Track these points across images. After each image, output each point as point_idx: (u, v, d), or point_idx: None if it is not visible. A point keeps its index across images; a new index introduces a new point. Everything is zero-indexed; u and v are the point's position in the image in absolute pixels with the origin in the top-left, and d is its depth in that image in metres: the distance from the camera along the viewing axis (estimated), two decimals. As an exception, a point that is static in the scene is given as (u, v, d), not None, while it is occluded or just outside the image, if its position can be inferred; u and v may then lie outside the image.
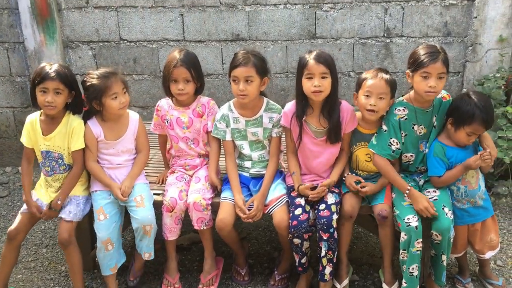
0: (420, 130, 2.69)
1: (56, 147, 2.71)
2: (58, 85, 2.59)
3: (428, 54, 2.51)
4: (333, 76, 2.61)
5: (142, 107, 4.41)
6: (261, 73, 2.68)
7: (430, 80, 2.51)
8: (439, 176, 2.65)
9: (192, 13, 4.13)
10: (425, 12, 3.99)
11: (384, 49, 4.12)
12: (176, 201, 2.71)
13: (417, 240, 2.51)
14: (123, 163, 2.81)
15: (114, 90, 2.63)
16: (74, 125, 2.70)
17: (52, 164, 2.73)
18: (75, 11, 4.19)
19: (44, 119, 2.71)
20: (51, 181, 2.76)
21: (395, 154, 2.69)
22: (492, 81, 3.83)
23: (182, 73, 2.73)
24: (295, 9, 4.06)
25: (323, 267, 2.63)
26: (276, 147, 2.84)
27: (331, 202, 2.63)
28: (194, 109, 2.89)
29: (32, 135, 2.71)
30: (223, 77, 4.25)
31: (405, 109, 2.67)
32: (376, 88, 2.58)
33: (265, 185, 2.76)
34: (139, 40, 4.24)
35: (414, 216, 2.54)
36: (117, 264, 2.75)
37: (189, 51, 2.85)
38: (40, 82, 2.58)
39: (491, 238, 2.72)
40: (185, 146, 2.95)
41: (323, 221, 2.56)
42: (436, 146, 2.67)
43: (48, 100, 2.58)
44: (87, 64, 4.31)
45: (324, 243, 2.58)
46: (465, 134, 2.57)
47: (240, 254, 2.94)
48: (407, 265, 2.57)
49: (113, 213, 2.70)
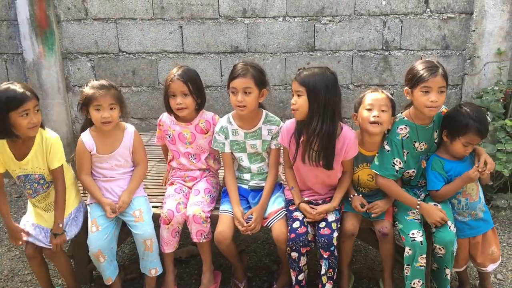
0: (421, 147, 2.67)
1: (35, 168, 2.60)
2: (36, 102, 2.47)
3: (427, 69, 2.50)
4: (311, 95, 2.49)
5: (141, 119, 4.40)
6: (260, 85, 2.68)
7: (431, 95, 2.48)
8: (436, 190, 2.64)
9: (191, 25, 4.15)
10: (424, 25, 4.01)
11: (383, 62, 4.13)
12: (173, 213, 2.70)
13: (421, 255, 2.50)
14: (118, 176, 2.79)
15: (98, 101, 2.60)
16: (51, 141, 2.58)
17: (33, 186, 2.65)
18: (74, 23, 4.20)
19: (13, 144, 2.53)
20: (35, 202, 2.70)
21: (399, 174, 2.66)
22: (491, 94, 3.83)
23: (179, 87, 2.72)
24: (294, 22, 4.08)
25: (322, 285, 2.61)
26: (275, 159, 2.82)
27: (332, 219, 2.61)
28: (196, 125, 2.88)
29: (4, 161, 2.56)
30: (221, 89, 4.25)
31: (406, 127, 2.63)
32: (378, 100, 2.55)
33: (264, 198, 2.74)
34: (138, 52, 4.24)
35: (418, 231, 2.52)
36: (111, 277, 2.71)
37: (190, 68, 2.85)
38: (19, 105, 2.38)
39: (492, 250, 2.71)
40: (187, 162, 2.93)
41: (324, 239, 2.54)
42: (434, 160, 2.66)
43: (33, 121, 2.44)
44: (86, 76, 4.30)
45: (324, 261, 2.56)
46: (461, 145, 2.56)
47: (238, 267, 2.91)
48: (409, 281, 2.55)
49: (106, 225, 2.66)
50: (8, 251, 3.42)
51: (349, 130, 2.64)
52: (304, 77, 2.53)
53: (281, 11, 4.06)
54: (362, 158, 2.72)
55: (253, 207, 2.74)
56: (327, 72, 2.56)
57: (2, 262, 3.30)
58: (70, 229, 2.69)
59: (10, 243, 2.63)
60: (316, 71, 2.56)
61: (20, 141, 2.53)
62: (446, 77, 2.52)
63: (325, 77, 2.53)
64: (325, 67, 2.62)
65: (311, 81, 2.51)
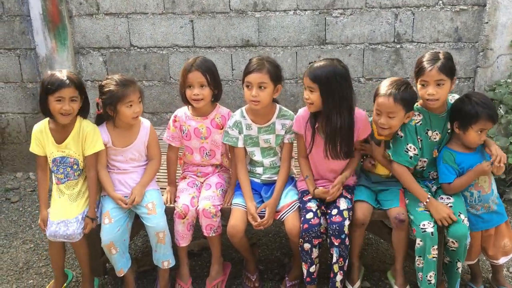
0: (434, 136, 2.67)
1: (72, 152, 2.71)
2: (73, 92, 2.60)
3: (426, 62, 2.53)
4: (324, 91, 2.51)
5: (152, 113, 4.42)
6: (275, 80, 2.67)
7: (428, 88, 2.53)
8: (449, 183, 2.64)
9: (202, 19, 4.15)
10: (436, 17, 3.98)
11: (395, 55, 4.10)
12: (188, 207, 2.71)
13: (432, 246, 2.49)
14: (132, 169, 2.82)
15: (130, 98, 2.64)
16: (88, 130, 2.70)
17: (66, 170, 2.72)
18: (86, 17, 4.22)
19: (55, 127, 2.69)
20: (64, 189, 2.74)
21: (413, 161, 2.66)
22: (504, 86, 3.80)
23: (197, 77, 2.71)
24: (305, 15, 4.07)
25: (334, 274, 2.61)
26: (288, 153, 2.83)
27: (343, 207, 2.61)
28: (212, 119, 2.87)
29: (45, 143, 2.70)
30: (232, 83, 4.25)
31: (419, 114, 2.66)
32: (384, 107, 2.55)
33: (277, 192, 2.75)
34: (150, 47, 4.26)
35: (429, 222, 2.52)
36: (123, 269, 2.75)
37: (207, 58, 2.84)
38: (55, 91, 2.55)
39: (504, 243, 2.69)
40: (199, 158, 2.94)
41: (335, 226, 2.55)
42: (445, 153, 2.66)
43: (65, 108, 2.57)
44: (98, 71, 4.33)
45: (335, 249, 2.57)
46: (475, 133, 2.56)
47: (250, 260, 2.93)
48: (424, 273, 2.55)
49: (118, 217, 2.69)
50: (23, 243, 3.47)
51: (360, 112, 2.67)
52: (316, 73, 2.53)
53: (291, 4, 4.04)
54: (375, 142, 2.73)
55: (266, 201, 2.75)
56: (338, 65, 2.56)
57: (17, 254, 3.35)
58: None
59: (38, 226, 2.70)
60: (327, 65, 2.55)
61: (60, 126, 2.67)
62: (446, 69, 2.51)
63: (336, 71, 2.53)
64: (336, 59, 2.62)
65: (323, 78, 2.51)
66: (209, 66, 2.77)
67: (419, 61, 2.59)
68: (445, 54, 2.57)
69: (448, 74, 2.52)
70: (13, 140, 4.56)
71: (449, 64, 2.55)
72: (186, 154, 2.97)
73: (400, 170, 2.65)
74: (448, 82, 2.54)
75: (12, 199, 4.14)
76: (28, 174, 4.55)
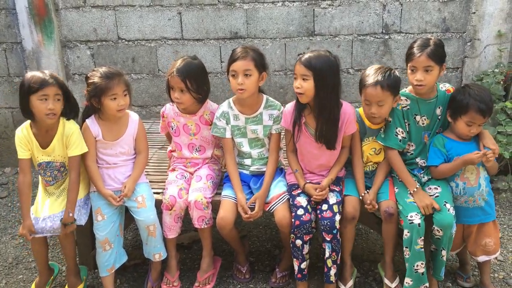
0: (422, 121, 2.70)
1: (58, 156, 2.67)
2: (57, 90, 2.55)
3: (416, 48, 2.57)
4: (319, 80, 2.50)
5: (141, 106, 4.40)
6: (260, 67, 2.67)
7: (416, 74, 2.57)
8: (436, 166, 2.66)
9: (190, 11, 4.13)
10: (424, 8, 3.99)
11: (383, 46, 4.11)
12: (176, 199, 2.71)
13: (420, 237, 2.51)
14: (121, 163, 2.80)
15: (114, 91, 2.61)
16: (71, 131, 2.64)
17: (54, 173, 2.69)
18: (72, 10, 4.18)
19: (37, 131, 2.62)
20: (53, 189, 2.72)
21: (402, 144, 2.71)
22: (491, 76, 3.83)
23: (177, 82, 2.70)
24: (293, 7, 4.06)
25: (328, 268, 2.63)
26: (276, 144, 2.83)
27: (333, 202, 2.62)
28: (201, 116, 2.87)
29: (30, 147, 2.62)
30: (222, 75, 4.24)
31: (407, 99, 2.69)
32: (373, 97, 2.58)
33: (266, 184, 2.76)
34: (137, 39, 4.23)
35: (417, 213, 2.54)
36: (115, 265, 2.75)
37: (194, 61, 2.78)
38: (39, 89, 2.48)
39: (486, 242, 2.68)
40: (188, 154, 2.94)
41: (326, 222, 2.56)
42: (437, 137, 2.69)
43: (50, 107, 2.50)
44: (86, 64, 4.30)
45: (327, 245, 2.58)
46: (464, 124, 2.57)
47: (240, 252, 2.94)
48: (410, 263, 2.57)
49: (111, 213, 2.69)
50: (12, 239, 3.45)
51: (348, 106, 2.67)
52: (311, 61, 2.51)
53: (280, -4, 4.04)
54: (369, 131, 2.75)
55: (255, 193, 2.75)
56: (331, 56, 2.58)
57: (7, 250, 3.33)
58: (80, 216, 2.69)
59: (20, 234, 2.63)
60: (321, 55, 2.55)
61: (43, 130, 2.61)
62: (436, 56, 2.54)
63: (330, 61, 2.55)
64: (328, 51, 2.62)
65: (318, 66, 2.50)
66: (191, 71, 2.72)
67: (410, 47, 2.62)
68: (436, 40, 2.59)
69: (437, 61, 2.54)
70: (1, 135, 4.52)
71: (439, 51, 2.57)
72: (176, 150, 2.97)
73: (393, 156, 2.70)
74: (437, 69, 2.56)
75: (1, 195, 4.11)
76: (16, 169, 4.50)
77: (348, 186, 2.75)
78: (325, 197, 2.64)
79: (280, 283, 2.86)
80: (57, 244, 3.30)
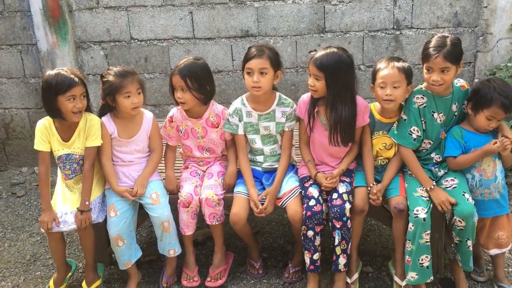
0: (440, 118, 2.68)
1: (77, 149, 2.73)
2: (83, 89, 2.64)
3: (432, 49, 2.53)
4: (330, 80, 2.56)
5: (154, 105, 4.45)
6: (275, 66, 2.70)
7: (433, 74, 2.55)
8: (454, 157, 2.65)
9: (201, 10, 4.16)
10: (435, 2, 3.97)
11: (394, 41, 4.11)
12: (192, 196, 2.75)
13: (425, 231, 2.52)
14: (135, 160, 2.85)
15: (128, 89, 2.66)
16: (93, 122, 2.72)
17: (73, 166, 2.75)
18: (86, 11, 4.24)
19: (60, 126, 2.71)
20: (72, 184, 2.77)
21: (416, 143, 2.70)
22: (504, 70, 3.80)
23: (178, 81, 2.72)
24: (304, 4, 4.07)
25: (336, 256, 2.65)
26: (288, 141, 2.85)
27: (343, 191, 2.64)
28: (207, 119, 2.88)
29: (50, 140, 2.71)
30: (233, 74, 4.27)
31: (423, 96, 2.67)
32: (389, 77, 2.57)
33: (278, 179, 2.78)
34: (150, 39, 4.28)
35: (423, 208, 2.53)
36: (130, 260, 2.79)
37: (198, 61, 2.79)
38: (67, 90, 2.57)
39: (499, 235, 2.68)
40: (199, 154, 2.98)
41: (336, 209, 2.58)
42: (454, 129, 2.68)
43: (78, 106, 2.60)
44: (99, 64, 4.36)
45: (337, 232, 2.60)
46: (484, 118, 2.56)
47: (253, 248, 2.97)
48: (414, 257, 2.57)
49: (124, 210, 2.73)
50: (30, 236, 3.52)
51: (360, 100, 2.69)
52: (322, 62, 2.56)
53: (290, -6, 4.05)
54: (379, 125, 2.76)
55: (267, 189, 2.78)
56: (344, 54, 2.60)
57: (25, 247, 3.39)
58: (97, 214, 2.74)
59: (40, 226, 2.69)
60: (334, 54, 2.58)
61: (66, 124, 2.69)
62: (452, 56, 2.51)
63: (342, 60, 2.57)
64: (341, 48, 2.64)
65: (329, 67, 2.55)
66: (194, 70, 2.73)
67: (426, 47, 2.58)
68: (453, 39, 2.56)
69: (453, 61, 2.52)
70: (18, 135, 4.60)
71: (456, 51, 2.54)
72: (186, 151, 3.00)
73: (406, 154, 2.70)
74: (454, 69, 2.54)
75: (18, 194, 4.18)
76: (33, 168, 4.59)
77: (358, 178, 2.76)
78: (335, 186, 2.66)
79: (293, 278, 2.88)
80: (74, 241, 3.36)
